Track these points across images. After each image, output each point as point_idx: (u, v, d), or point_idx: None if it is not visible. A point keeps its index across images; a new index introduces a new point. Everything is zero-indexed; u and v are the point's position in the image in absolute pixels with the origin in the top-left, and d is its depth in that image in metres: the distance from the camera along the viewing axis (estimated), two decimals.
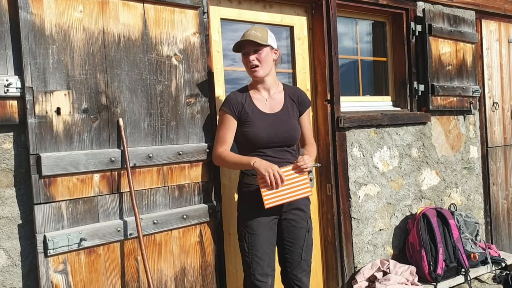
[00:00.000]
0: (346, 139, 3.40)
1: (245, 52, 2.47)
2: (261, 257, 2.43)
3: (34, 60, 2.11)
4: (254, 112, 2.46)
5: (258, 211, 2.43)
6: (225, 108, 2.47)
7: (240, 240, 2.50)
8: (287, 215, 2.51)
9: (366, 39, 3.96)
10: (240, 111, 2.46)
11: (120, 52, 2.36)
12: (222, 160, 2.46)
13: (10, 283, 2.14)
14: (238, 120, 2.47)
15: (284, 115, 2.52)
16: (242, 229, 2.49)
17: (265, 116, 2.48)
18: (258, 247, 2.43)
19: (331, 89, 3.33)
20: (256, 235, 2.44)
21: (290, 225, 2.51)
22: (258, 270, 2.43)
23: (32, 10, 2.10)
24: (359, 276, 3.36)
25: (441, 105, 3.93)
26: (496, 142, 4.50)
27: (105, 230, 2.28)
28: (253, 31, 2.44)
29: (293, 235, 2.52)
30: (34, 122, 2.10)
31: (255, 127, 2.43)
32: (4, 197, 2.12)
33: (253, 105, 2.48)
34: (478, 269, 3.73)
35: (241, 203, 2.55)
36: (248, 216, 2.47)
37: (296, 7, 3.35)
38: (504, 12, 4.57)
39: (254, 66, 2.44)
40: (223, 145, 2.46)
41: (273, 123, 2.47)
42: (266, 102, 2.52)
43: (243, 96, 2.50)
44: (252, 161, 2.34)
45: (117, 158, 2.32)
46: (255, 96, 2.52)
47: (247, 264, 2.46)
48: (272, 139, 2.44)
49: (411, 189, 3.83)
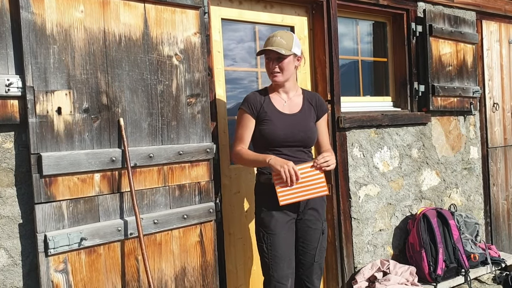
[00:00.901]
0: (347, 139, 3.40)
1: (268, 57, 2.49)
2: (281, 257, 2.42)
3: (35, 60, 2.11)
4: (272, 112, 2.49)
5: (276, 211, 2.43)
6: (244, 107, 2.50)
7: (259, 241, 2.48)
8: (303, 215, 2.50)
9: (367, 39, 3.96)
10: (258, 110, 2.48)
11: (121, 52, 2.36)
12: (240, 158, 2.47)
13: (10, 282, 2.14)
14: (256, 119, 2.49)
15: (302, 116, 2.54)
16: (260, 230, 2.47)
17: (284, 116, 2.50)
18: (277, 247, 2.42)
19: (332, 89, 3.33)
20: (275, 235, 2.42)
21: (305, 226, 2.51)
22: (278, 272, 2.41)
23: (33, 10, 2.11)
24: (359, 276, 3.36)
25: (441, 106, 3.93)
26: (496, 143, 4.50)
27: (106, 230, 2.28)
28: (278, 38, 2.44)
29: (308, 236, 2.52)
30: (35, 121, 2.11)
31: (273, 125, 2.45)
32: (5, 196, 2.12)
33: (271, 105, 2.51)
34: (478, 270, 3.73)
35: (258, 203, 2.54)
36: (266, 217, 2.45)
37: (296, 7, 3.35)
38: (505, 13, 4.57)
39: (276, 72, 2.47)
40: (241, 143, 2.49)
41: (291, 123, 2.48)
42: (285, 103, 2.54)
43: (262, 96, 2.53)
44: (267, 158, 2.35)
45: (117, 158, 2.32)
46: (274, 97, 2.54)
47: (267, 266, 2.44)
48: (289, 138, 2.45)
49: (411, 189, 3.84)
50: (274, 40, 2.44)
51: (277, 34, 2.47)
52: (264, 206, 2.48)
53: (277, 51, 2.41)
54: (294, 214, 2.49)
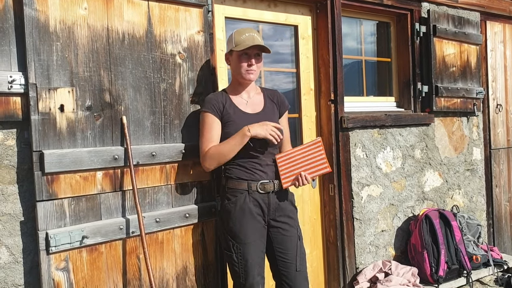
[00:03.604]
0: (350, 140, 3.39)
1: (246, 53, 2.36)
2: (251, 266, 2.31)
3: (38, 57, 2.10)
4: (235, 112, 2.38)
5: (246, 219, 2.32)
6: (207, 108, 2.37)
7: (227, 250, 2.37)
8: (275, 223, 2.39)
9: (370, 39, 3.95)
10: (222, 110, 2.37)
11: (124, 49, 2.35)
12: (214, 155, 2.32)
13: (12, 280, 2.13)
14: (220, 120, 2.37)
15: (266, 115, 2.44)
16: (228, 239, 2.35)
17: (248, 116, 2.40)
18: (247, 256, 2.31)
19: (335, 89, 3.32)
20: (246, 244, 2.31)
21: (280, 234, 2.39)
22: (249, 280, 2.30)
23: (37, 7, 2.10)
24: (361, 277, 3.35)
25: (444, 107, 3.91)
26: (499, 144, 4.48)
27: (108, 228, 2.27)
28: (256, 36, 2.37)
29: (284, 244, 2.39)
30: (37, 119, 2.10)
31: (238, 127, 2.32)
32: (7, 193, 2.12)
33: (234, 106, 2.40)
34: (480, 271, 3.72)
35: (225, 210, 2.38)
36: (235, 225, 2.33)
37: (300, 6, 3.34)
38: (509, 14, 4.55)
39: (253, 70, 2.38)
40: (210, 145, 2.35)
41: (256, 123, 2.35)
42: (247, 103, 2.46)
43: (223, 97, 2.42)
44: (245, 130, 2.26)
45: (120, 156, 2.31)
46: (235, 98, 2.44)
47: (236, 274, 2.34)
48: (256, 139, 2.33)
49: (413, 190, 3.82)
50: (255, 37, 2.35)
51: (254, 32, 2.38)
52: (232, 214, 2.34)
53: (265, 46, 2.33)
54: (264, 221, 2.37)
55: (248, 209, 2.33)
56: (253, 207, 2.34)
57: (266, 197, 2.36)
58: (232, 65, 2.44)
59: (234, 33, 2.40)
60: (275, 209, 2.39)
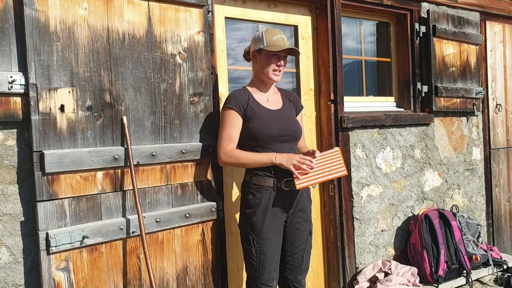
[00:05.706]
0: (349, 140, 3.39)
1: (277, 55, 2.43)
2: (269, 261, 2.40)
3: (38, 57, 2.10)
4: (259, 108, 2.45)
5: (269, 216, 2.39)
6: (231, 105, 2.41)
7: (247, 243, 2.44)
8: (293, 217, 2.48)
9: (370, 39, 3.95)
10: (245, 107, 2.42)
11: (124, 50, 2.35)
12: (234, 158, 2.37)
13: (12, 280, 2.13)
14: (243, 118, 2.43)
15: (286, 111, 2.55)
16: (250, 233, 2.42)
17: (270, 111, 2.48)
18: (266, 251, 2.39)
19: (335, 89, 3.32)
20: (266, 240, 2.39)
21: (294, 228, 2.48)
22: (265, 274, 2.40)
23: (37, 7, 2.10)
24: (361, 277, 3.35)
25: (444, 106, 3.92)
26: (498, 144, 4.49)
27: (108, 228, 2.28)
28: (286, 38, 2.45)
29: (297, 238, 2.50)
30: (37, 119, 2.10)
31: (264, 121, 2.40)
32: (7, 194, 2.12)
33: (256, 102, 2.47)
34: (479, 271, 3.72)
35: (249, 205, 2.44)
36: (258, 220, 2.39)
37: (300, 6, 3.34)
38: (509, 14, 4.56)
39: (278, 71, 2.47)
40: (231, 143, 2.39)
41: (279, 118, 2.47)
42: (268, 100, 2.53)
43: (246, 93, 2.49)
44: (272, 157, 2.33)
45: (120, 156, 2.32)
46: (256, 95, 2.51)
47: (253, 267, 2.42)
48: (282, 133, 2.43)
49: (413, 190, 3.83)
50: (285, 39, 2.44)
51: (281, 33, 2.46)
52: (255, 209, 2.40)
53: (297, 50, 2.47)
54: (284, 217, 2.46)
55: (272, 206, 2.40)
56: (277, 204, 2.41)
57: (289, 194, 2.43)
58: (259, 64, 2.48)
59: (265, 33, 2.43)
60: (296, 204, 2.47)
